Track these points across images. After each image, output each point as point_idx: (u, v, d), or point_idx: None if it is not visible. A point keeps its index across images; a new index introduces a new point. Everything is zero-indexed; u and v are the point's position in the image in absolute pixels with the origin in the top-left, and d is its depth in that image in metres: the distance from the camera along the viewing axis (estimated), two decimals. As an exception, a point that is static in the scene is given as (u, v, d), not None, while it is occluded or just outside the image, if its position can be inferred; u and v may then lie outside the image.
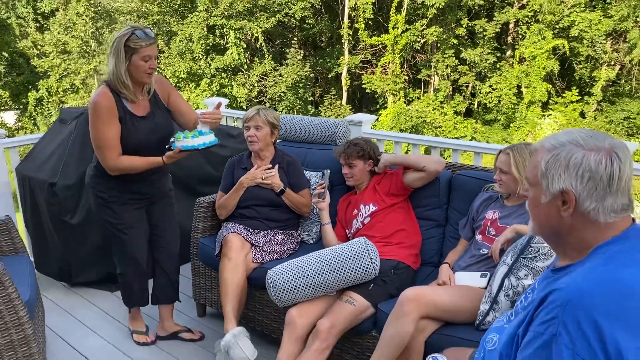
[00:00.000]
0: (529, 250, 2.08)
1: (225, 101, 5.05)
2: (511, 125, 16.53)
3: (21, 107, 19.73)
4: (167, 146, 2.61)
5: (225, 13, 16.63)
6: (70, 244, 3.45)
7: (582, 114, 15.86)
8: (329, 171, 3.01)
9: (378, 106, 18.23)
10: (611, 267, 1.12)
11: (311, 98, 18.56)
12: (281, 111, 17.09)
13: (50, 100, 17.94)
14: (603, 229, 1.18)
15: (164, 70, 17.24)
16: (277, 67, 17.50)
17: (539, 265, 2.06)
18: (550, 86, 16.28)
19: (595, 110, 16.05)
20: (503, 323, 1.41)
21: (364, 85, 17.77)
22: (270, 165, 3.00)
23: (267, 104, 17.43)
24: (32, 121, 18.38)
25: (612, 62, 15.75)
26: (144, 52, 2.48)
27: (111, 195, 2.68)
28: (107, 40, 17.13)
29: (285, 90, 16.97)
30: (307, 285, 2.41)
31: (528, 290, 1.38)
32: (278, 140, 3.19)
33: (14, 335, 2.37)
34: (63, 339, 3.04)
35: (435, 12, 16.31)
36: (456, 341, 2.11)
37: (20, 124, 19.30)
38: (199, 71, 17.36)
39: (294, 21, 17.72)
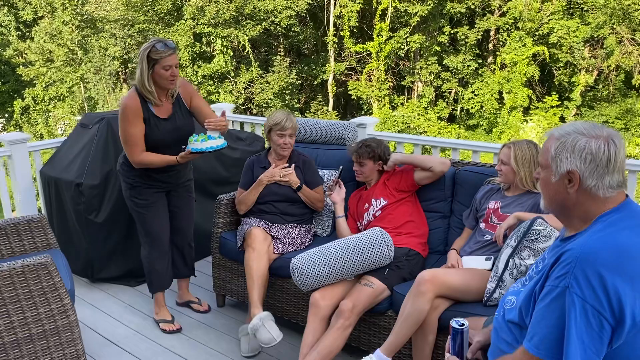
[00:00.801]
0: (531, 233, 2.35)
1: (230, 106, 5.29)
2: (493, 130, 16.87)
3: (7, 115, 19.65)
4: (182, 147, 2.90)
5: (212, 21, 16.76)
6: (94, 241, 3.63)
7: (562, 119, 16.28)
8: (341, 167, 3.26)
9: (363, 112, 18.48)
10: (611, 231, 1.39)
11: (298, 105, 18.80)
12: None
13: (36, 108, 17.88)
14: (603, 202, 1.44)
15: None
16: (264, 75, 17.71)
17: (540, 247, 2.33)
18: (531, 91, 16.66)
19: (574, 115, 16.48)
20: (519, 287, 1.65)
21: (349, 92, 18.05)
22: (288, 164, 3.25)
23: (255, 111, 17.63)
24: (18, 129, 18.29)
25: (590, 68, 16.21)
26: (165, 62, 2.80)
27: (135, 181, 3.01)
28: (93, 48, 17.18)
29: (272, 97, 17.18)
30: (328, 270, 2.64)
31: (539, 259, 1.64)
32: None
33: (59, 322, 2.56)
34: (93, 329, 3.23)
35: (419, 20, 16.62)
36: (466, 316, 2.35)
37: (5, 132, 19.20)
38: (185, 78, 17.49)
39: (280, 29, 17.93)
